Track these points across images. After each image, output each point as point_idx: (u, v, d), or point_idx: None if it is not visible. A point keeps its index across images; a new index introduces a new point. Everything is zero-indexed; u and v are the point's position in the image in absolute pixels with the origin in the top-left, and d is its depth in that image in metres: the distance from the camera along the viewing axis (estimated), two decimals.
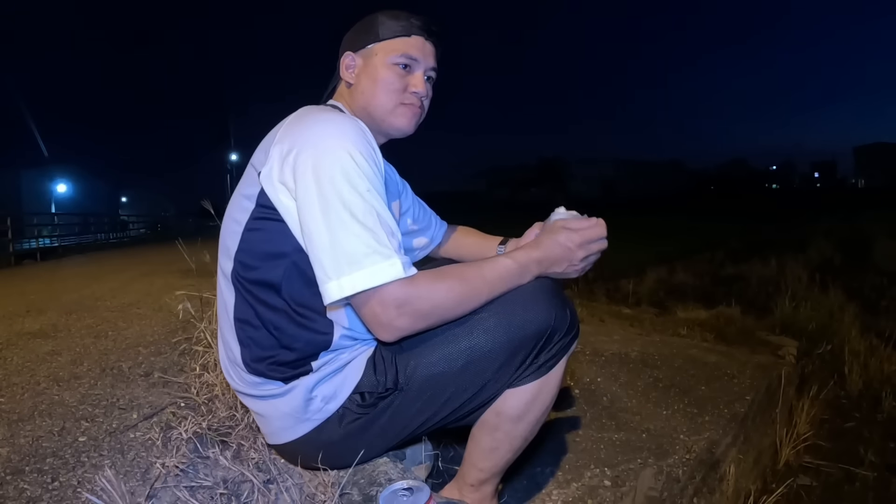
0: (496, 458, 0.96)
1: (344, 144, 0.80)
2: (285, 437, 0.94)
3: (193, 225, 22.63)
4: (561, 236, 0.90)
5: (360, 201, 0.78)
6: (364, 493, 0.96)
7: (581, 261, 0.91)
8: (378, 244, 0.76)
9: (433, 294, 0.79)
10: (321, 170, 0.79)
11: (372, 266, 0.75)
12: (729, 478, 1.46)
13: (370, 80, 0.97)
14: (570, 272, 0.92)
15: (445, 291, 0.80)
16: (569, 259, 0.90)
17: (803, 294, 4.46)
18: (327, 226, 0.77)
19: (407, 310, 0.77)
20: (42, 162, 40.03)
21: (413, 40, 0.97)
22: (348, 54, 1.00)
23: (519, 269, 0.87)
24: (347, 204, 0.77)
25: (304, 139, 0.82)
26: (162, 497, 0.99)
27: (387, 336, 0.79)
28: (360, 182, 0.79)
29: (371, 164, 0.82)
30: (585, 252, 0.91)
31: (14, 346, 2.19)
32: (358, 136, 0.83)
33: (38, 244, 11.88)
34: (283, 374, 0.88)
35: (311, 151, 0.80)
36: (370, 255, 0.76)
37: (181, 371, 1.68)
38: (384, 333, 0.79)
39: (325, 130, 0.82)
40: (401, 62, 0.96)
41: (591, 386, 1.89)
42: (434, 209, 1.30)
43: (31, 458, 1.16)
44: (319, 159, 0.79)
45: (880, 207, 19.64)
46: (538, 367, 0.89)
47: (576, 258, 0.91)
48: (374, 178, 0.82)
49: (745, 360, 2.22)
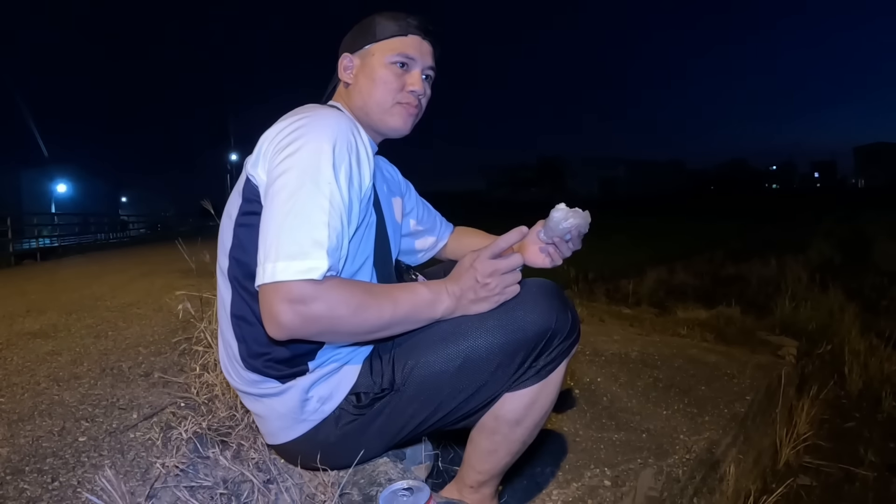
0: (494, 460, 0.96)
1: (320, 136, 0.80)
2: (283, 437, 0.94)
3: (193, 225, 22.62)
4: (470, 263, 0.86)
5: (315, 194, 0.76)
6: (364, 493, 0.96)
7: (494, 290, 0.85)
8: (312, 240, 0.74)
9: (329, 300, 0.74)
10: (292, 158, 0.79)
11: (294, 260, 0.73)
12: (729, 478, 1.46)
13: (367, 79, 0.97)
14: (482, 305, 0.86)
15: (343, 301, 0.75)
16: (477, 286, 0.84)
17: (803, 294, 4.46)
18: (282, 211, 0.76)
19: (299, 309, 0.73)
20: (42, 162, 40.08)
21: (410, 39, 0.97)
22: (346, 55, 1.00)
23: (431, 297, 0.84)
24: (302, 194, 0.76)
25: (286, 129, 0.83)
26: (162, 497, 0.99)
27: (273, 331, 0.76)
28: (324, 175, 0.78)
29: (347, 158, 0.82)
30: (498, 282, 0.84)
31: (14, 346, 2.19)
32: (340, 130, 0.82)
33: (38, 244, 11.89)
34: (279, 373, 0.88)
35: (290, 139, 0.81)
36: (299, 249, 0.73)
37: (181, 371, 1.68)
38: (271, 328, 0.75)
39: (309, 122, 0.83)
40: (398, 61, 0.96)
41: (591, 386, 1.89)
42: (435, 209, 1.30)
43: (31, 458, 1.16)
44: (295, 147, 0.80)
45: (880, 207, 19.64)
46: (538, 370, 0.88)
47: (488, 288, 0.84)
48: (345, 172, 0.81)
49: (745, 360, 2.22)
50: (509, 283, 0.85)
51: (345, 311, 0.76)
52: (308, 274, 0.72)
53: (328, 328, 0.77)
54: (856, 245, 8.75)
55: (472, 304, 0.86)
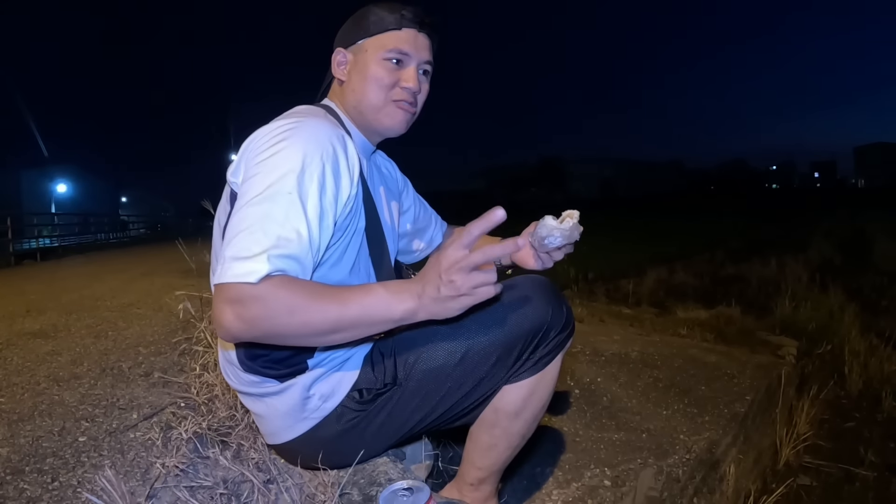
0: (494, 455, 0.96)
1: (293, 145, 0.79)
2: (284, 436, 0.94)
3: (193, 225, 22.62)
4: (434, 259, 0.74)
5: (272, 202, 0.75)
6: (364, 493, 0.97)
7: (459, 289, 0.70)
8: (258, 246, 0.72)
9: (266, 301, 0.70)
10: (261, 165, 0.78)
11: (235, 262, 0.71)
12: (729, 478, 1.46)
13: (360, 76, 0.94)
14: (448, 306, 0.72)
15: (282, 302, 0.71)
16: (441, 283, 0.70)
17: (803, 294, 4.45)
18: (237, 216, 0.76)
19: (237, 310, 0.71)
20: (42, 162, 40.03)
21: (404, 34, 0.93)
22: (339, 51, 0.98)
23: (389, 298, 0.74)
24: (258, 200, 0.75)
25: (265, 137, 0.82)
26: (162, 497, 0.99)
27: (221, 334, 0.74)
28: (287, 183, 0.76)
29: (320, 168, 0.79)
30: (464, 281, 0.69)
31: (14, 346, 2.19)
32: (317, 140, 0.81)
33: (38, 244, 11.88)
34: (278, 372, 0.88)
35: (264, 147, 0.80)
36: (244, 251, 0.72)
37: (181, 371, 1.68)
38: (217, 329, 0.74)
39: (287, 131, 0.81)
40: (392, 57, 0.93)
41: (591, 386, 1.89)
42: (434, 209, 1.29)
43: (31, 458, 1.16)
44: (266, 155, 0.79)
45: (880, 207, 19.64)
46: (535, 362, 0.89)
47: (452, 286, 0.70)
48: (317, 181, 0.79)
49: (745, 360, 2.22)
50: (478, 282, 0.70)
51: (283, 312, 0.71)
52: (246, 277, 0.70)
53: (270, 330, 0.73)
54: (856, 245, 8.74)
55: (435, 305, 0.72)
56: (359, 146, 0.94)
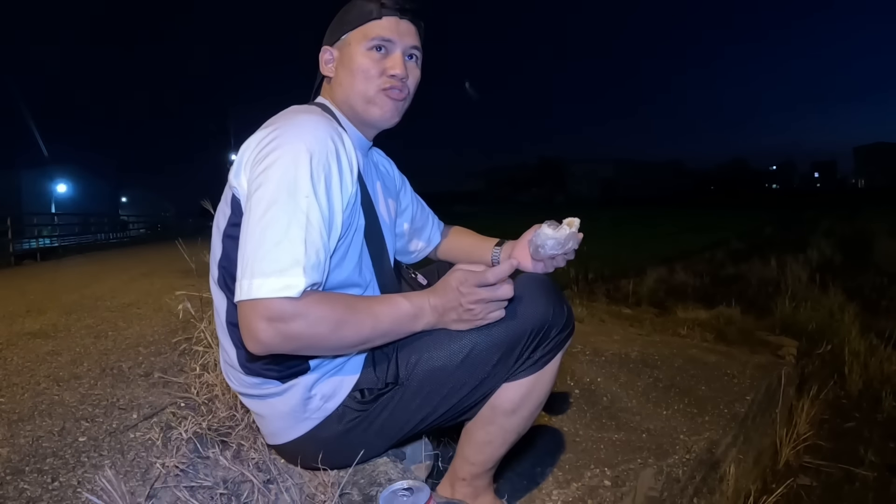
0: (489, 451, 0.96)
1: (298, 146, 0.78)
2: (285, 436, 0.94)
3: (193, 225, 22.61)
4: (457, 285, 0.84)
5: (292, 208, 0.75)
6: (364, 493, 0.97)
7: (477, 315, 0.85)
8: (290, 257, 0.73)
9: (309, 317, 0.73)
10: (270, 170, 0.77)
11: (270, 277, 0.72)
12: (729, 478, 1.45)
13: (347, 70, 0.94)
14: (463, 325, 0.86)
15: (323, 318, 0.75)
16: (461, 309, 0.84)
17: (803, 294, 4.45)
18: (259, 226, 0.75)
19: (278, 326, 0.72)
20: (42, 162, 40.00)
21: (385, 21, 0.92)
22: (326, 49, 0.98)
23: (413, 311, 0.84)
24: (278, 209, 0.75)
25: (265, 139, 0.82)
26: (162, 497, 0.99)
27: (252, 347, 0.75)
28: (302, 187, 0.76)
29: (326, 167, 0.80)
30: (482, 309, 0.84)
31: (14, 346, 2.19)
32: (318, 138, 0.80)
33: (38, 244, 11.89)
34: (279, 374, 0.88)
35: (268, 150, 0.80)
36: (276, 265, 0.72)
37: (181, 371, 1.68)
38: (250, 344, 0.75)
39: (286, 131, 0.81)
40: (375, 45, 0.92)
41: (591, 386, 1.89)
42: (434, 209, 1.29)
43: (31, 458, 1.16)
44: (273, 159, 0.78)
45: (880, 207, 19.62)
46: (534, 361, 0.90)
47: (471, 313, 0.84)
48: (324, 182, 0.79)
49: (745, 360, 2.22)
50: (493, 309, 0.85)
51: (325, 328, 0.75)
52: (285, 292, 0.71)
53: (308, 345, 0.77)
54: (856, 245, 8.73)
55: (453, 322, 0.86)
56: (355, 142, 0.94)
